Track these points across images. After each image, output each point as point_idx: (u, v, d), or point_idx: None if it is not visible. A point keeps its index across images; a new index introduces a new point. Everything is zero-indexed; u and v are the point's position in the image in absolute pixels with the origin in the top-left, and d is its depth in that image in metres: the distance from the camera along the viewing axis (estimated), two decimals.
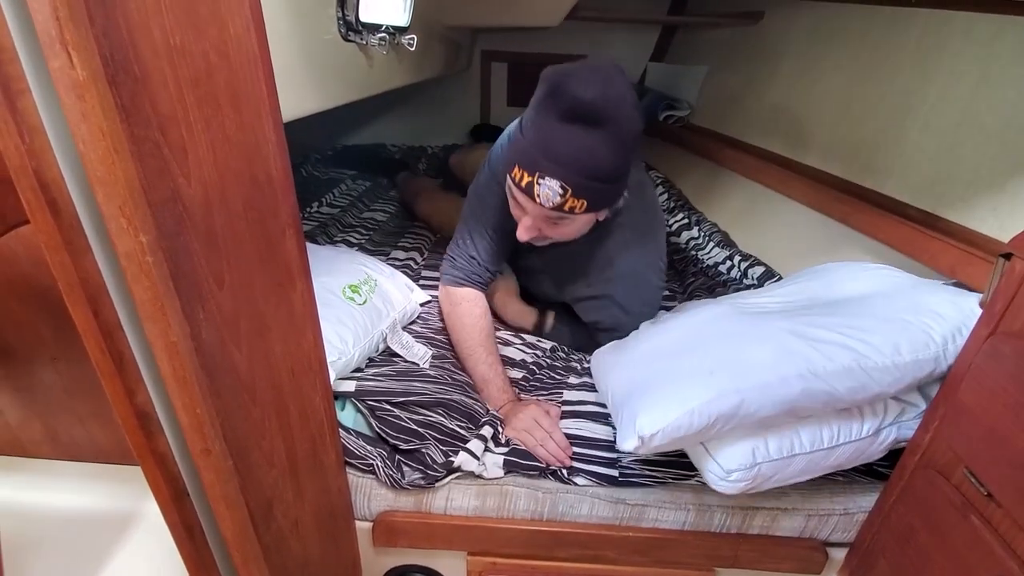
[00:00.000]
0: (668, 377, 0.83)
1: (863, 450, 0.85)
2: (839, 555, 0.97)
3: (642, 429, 0.78)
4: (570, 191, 0.84)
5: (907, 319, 0.83)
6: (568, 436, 0.96)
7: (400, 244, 1.65)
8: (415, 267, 1.52)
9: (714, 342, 0.86)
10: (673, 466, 0.93)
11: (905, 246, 1.05)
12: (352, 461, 0.92)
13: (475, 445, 0.92)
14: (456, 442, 0.93)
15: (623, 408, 0.87)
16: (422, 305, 1.26)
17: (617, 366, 0.97)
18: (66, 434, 0.81)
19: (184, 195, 0.44)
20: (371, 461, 0.92)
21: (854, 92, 1.38)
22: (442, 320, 1.22)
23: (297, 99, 0.85)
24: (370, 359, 1.07)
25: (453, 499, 0.92)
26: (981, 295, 0.82)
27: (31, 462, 0.84)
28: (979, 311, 0.80)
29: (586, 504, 0.92)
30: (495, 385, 1.02)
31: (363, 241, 1.64)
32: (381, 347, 1.09)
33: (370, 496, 0.93)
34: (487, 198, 1.10)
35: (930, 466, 0.79)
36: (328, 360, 0.92)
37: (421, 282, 1.39)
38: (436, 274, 1.46)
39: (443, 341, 1.16)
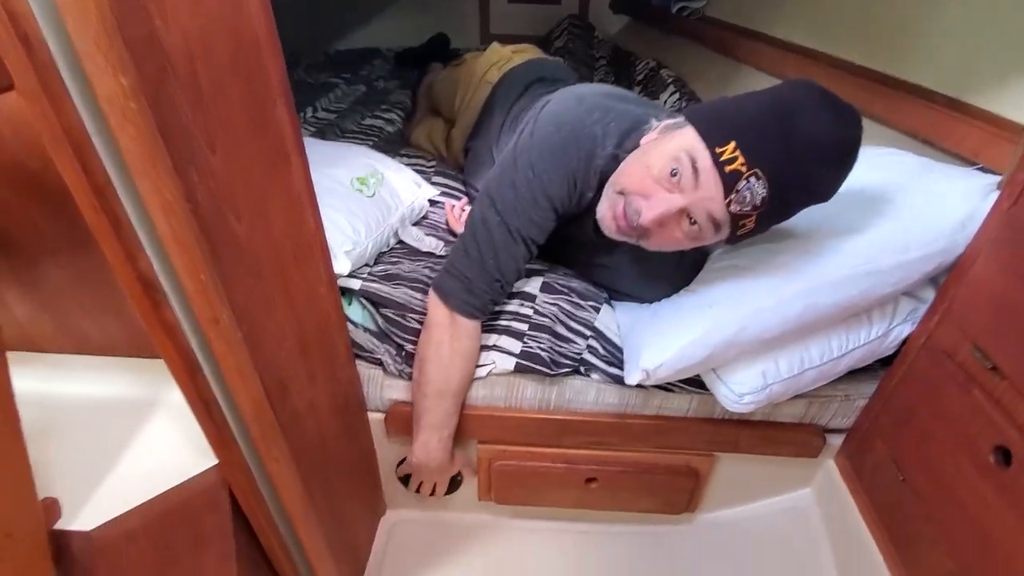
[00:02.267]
0: (669, 312, 0.85)
1: (874, 350, 0.86)
2: (837, 441, 1.00)
3: (645, 363, 0.81)
4: (766, 207, 0.69)
5: (915, 212, 0.80)
6: (599, 329, 0.95)
7: (404, 152, 1.59)
8: (425, 170, 1.45)
9: (712, 276, 0.87)
10: (691, 383, 0.94)
11: (928, 130, 1.00)
12: (361, 354, 0.94)
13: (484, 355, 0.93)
14: None
15: (628, 342, 0.89)
16: (431, 204, 1.21)
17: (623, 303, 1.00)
18: (76, 327, 0.82)
19: (163, 40, 0.41)
20: (379, 356, 0.93)
21: None
22: (451, 233, 1.15)
23: None
24: (380, 254, 1.05)
25: None
26: (999, 177, 0.79)
27: (45, 356, 0.85)
28: (992, 194, 0.77)
29: (592, 390, 0.94)
30: (439, 435, 0.91)
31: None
32: (392, 243, 1.07)
33: (382, 387, 0.95)
34: (529, 210, 0.84)
35: (935, 347, 0.79)
36: (343, 249, 0.91)
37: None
38: (445, 180, 1.37)
39: (454, 239, 1.11)
